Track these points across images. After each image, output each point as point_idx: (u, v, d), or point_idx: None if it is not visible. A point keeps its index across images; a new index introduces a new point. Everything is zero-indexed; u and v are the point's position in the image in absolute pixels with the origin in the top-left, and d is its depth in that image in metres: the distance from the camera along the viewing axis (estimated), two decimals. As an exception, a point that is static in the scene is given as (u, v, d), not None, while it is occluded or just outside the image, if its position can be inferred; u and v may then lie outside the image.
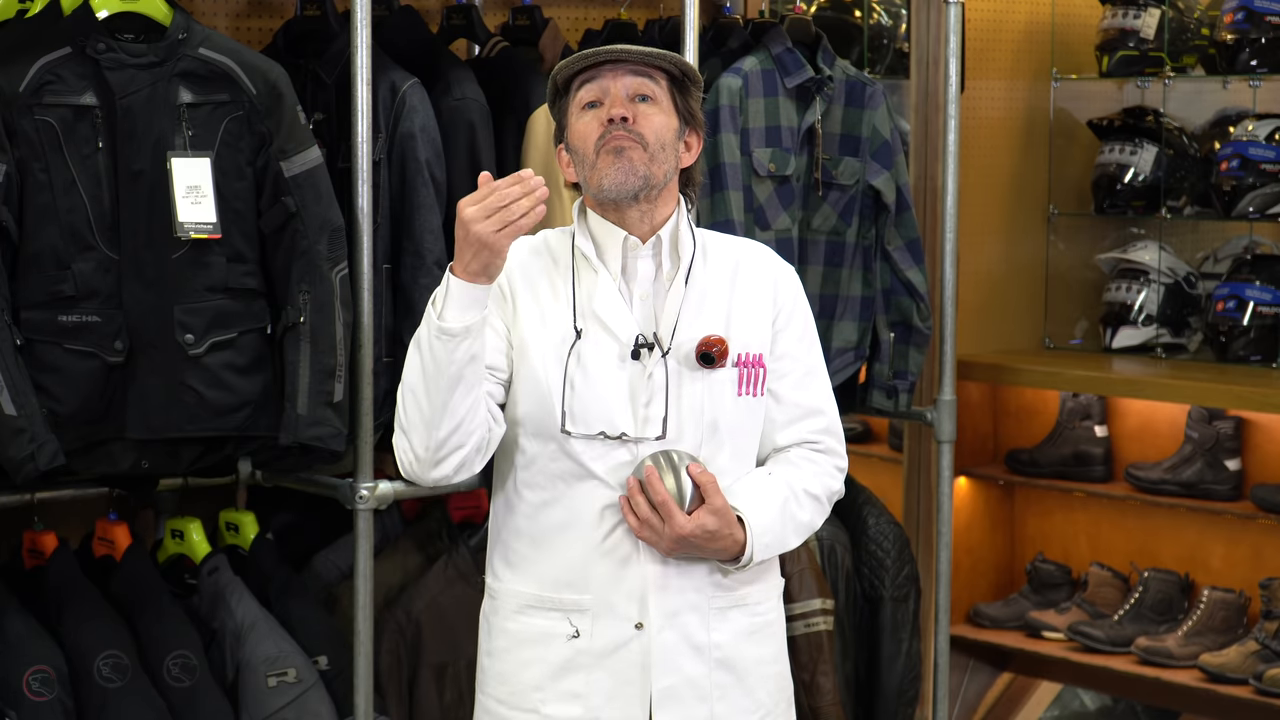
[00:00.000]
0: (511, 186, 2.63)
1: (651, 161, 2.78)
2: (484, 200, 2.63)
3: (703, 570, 2.82)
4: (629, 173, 2.77)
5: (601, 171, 2.78)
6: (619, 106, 2.78)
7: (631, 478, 2.76)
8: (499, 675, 2.87)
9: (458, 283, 2.67)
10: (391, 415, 3.67)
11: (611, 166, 2.77)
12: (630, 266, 2.83)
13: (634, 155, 2.77)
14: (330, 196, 3.49)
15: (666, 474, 2.74)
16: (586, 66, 2.81)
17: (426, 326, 2.70)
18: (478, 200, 2.63)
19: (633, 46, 2.80)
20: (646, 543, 2.77)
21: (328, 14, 3.78)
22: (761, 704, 2.89)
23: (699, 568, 2.82)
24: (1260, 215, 5.14)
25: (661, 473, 2.74)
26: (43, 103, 3.32)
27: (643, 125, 2.78)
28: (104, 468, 3.45)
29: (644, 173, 2.78)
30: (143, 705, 3.44)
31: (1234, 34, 5.13)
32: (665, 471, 2.75)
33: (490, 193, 2.63)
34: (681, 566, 2.80)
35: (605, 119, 2.78)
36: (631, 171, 2.77)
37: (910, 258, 4.39)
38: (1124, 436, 5.36)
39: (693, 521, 2.74)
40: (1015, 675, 5.42)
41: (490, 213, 2.62)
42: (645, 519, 2.74)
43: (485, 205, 2.62)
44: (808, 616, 4.20)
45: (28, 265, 3.33)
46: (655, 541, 2.76)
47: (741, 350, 2.83)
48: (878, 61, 5.33)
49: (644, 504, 2.74)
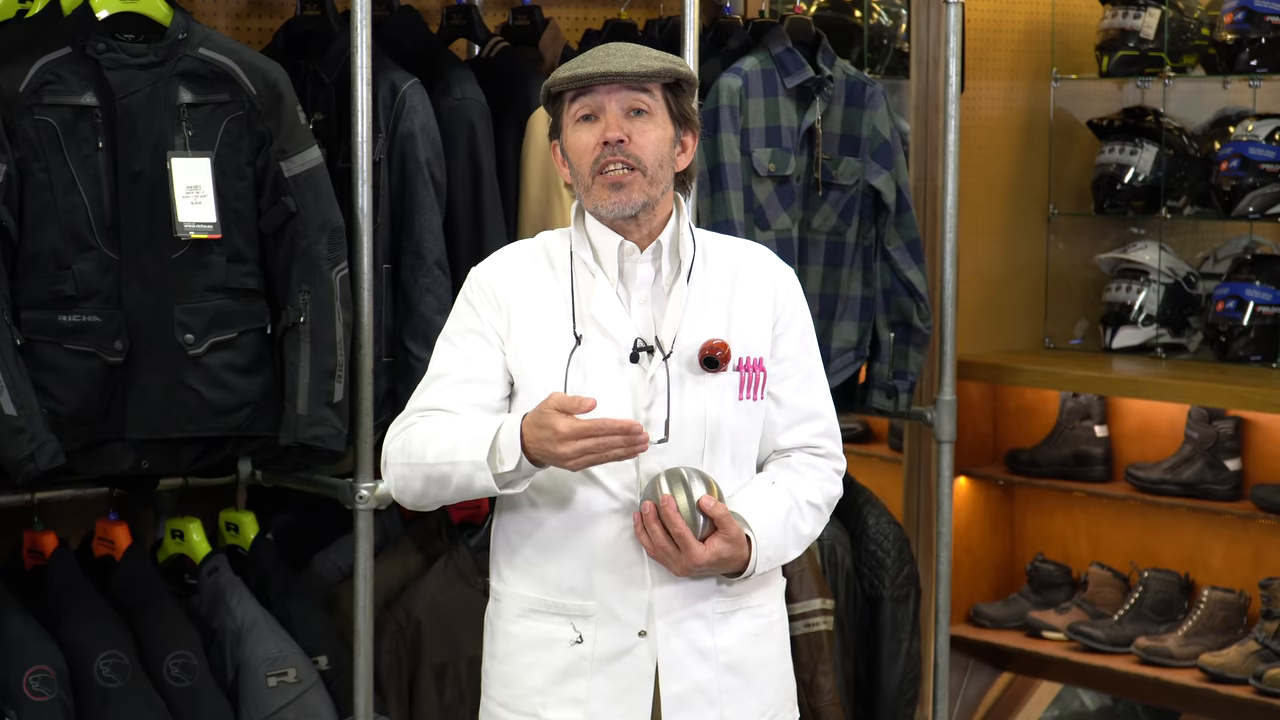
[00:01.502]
0: (614, 437, 2.63)
1: (650, 185, 2.77)
2: (583, 440, 2.62)
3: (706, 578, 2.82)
4: (626, 204, 2.77)
5: (598, 198, 2.77)
6: (614, 128, 2.75)
7: (647, 503, 2.73)
8: (501, 678, 2.87)
9: (530, 466, 2.68)
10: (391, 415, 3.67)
11: (610, 199, 2.76)
12: (629, 271, 2.83)
13: (634, 187, 2.76)
14: (330, 196, 3.49)
15: (679, 494, 2.73)
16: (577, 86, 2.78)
17: (475, 469, 2.69)
18: (579, 435, 2.62)
19: (626, 65, 2.75)
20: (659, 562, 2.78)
21: (328, 14, 3.78)
22: (770, 704, 2.89)
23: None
24: (1260, 215, 5.14)
25: (675, 494, 2.73)
26: (43, 103, 3.32)
27: (639, 144, 2.76)
28: (104, 468, 3.45)
29: (642, 200, 2.77)
30: (143, 705, 3.44)
31: (1234, 34, 5.13)
32: (678, 491, 2.73)
33: (593, 436, 2.62)
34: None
35: (601, 140, 2.76)
36: (629, 203, 2.77)
37: (910, 258, 4.39)
38: (1124, 436, 5.36)
39: (709, 551, 2.73)
40: (1015, 675, 5.42)
41: (584, 454, 2.63)
42: (661, 547, 2.73)
43: (583, 447, 2.62)
44: (808, 616, 4.20)
45: (28, 265, 3.33)
46: (668, 565, 2.76)
47: (743, 354, 2.83)
48: (878, 61, 5.33)
49: (660, 533, 2.73)
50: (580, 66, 2.77)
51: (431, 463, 2.74)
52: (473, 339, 2.82)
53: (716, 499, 2.73)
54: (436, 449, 2.74)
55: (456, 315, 2.86)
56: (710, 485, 2.74)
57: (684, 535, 2.71)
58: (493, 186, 3.78)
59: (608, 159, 2.75)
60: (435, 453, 2.74)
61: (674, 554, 2.73)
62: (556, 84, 2.79)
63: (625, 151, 2.75)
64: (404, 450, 2.79)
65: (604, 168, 2.75)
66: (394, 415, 3.65)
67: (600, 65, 2.76)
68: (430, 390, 2.83)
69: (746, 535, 2.77)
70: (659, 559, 2.75)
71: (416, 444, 2.77)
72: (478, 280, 2.86)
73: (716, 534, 2.73)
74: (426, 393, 2.83)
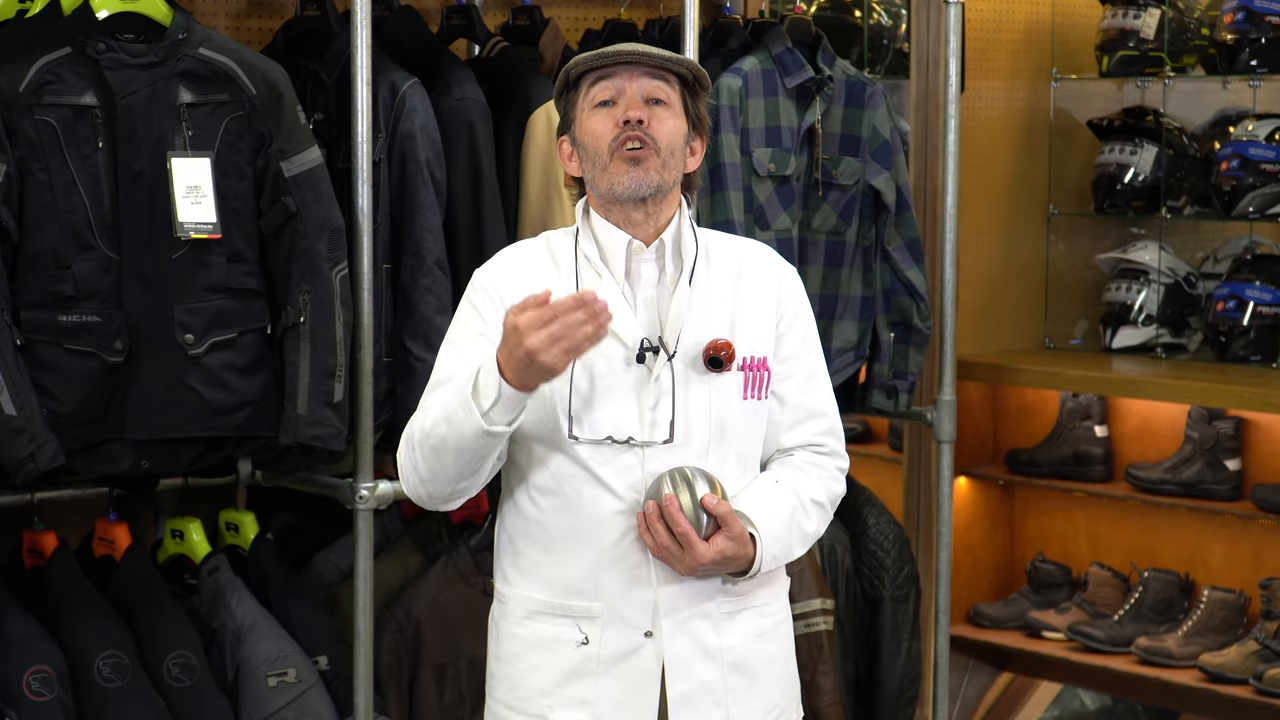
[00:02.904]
0: (574, 312, 2.58)
1: (664, 168, 2.78)
2: (546, 327, 2.57)
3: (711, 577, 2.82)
4: (643, 181, 2.77)
5: (614, 175, 2.78)
6: (635, 108, 2.77)
7: (650, 503, 2.73)
8: (507, 680, 2.87)
9: (510, 390, 2.63)
10: (391, 415, 3.69)
11: (627, 174, 2.77)
12: (634, 270, 2.82)
13: (650, 165, 2.77)
14: (330, 196, 3.49)
15: (682, 493, 2.73)
16: (602, 64, 2.80)
17: (464, 411, 2.65)
18: (538, 325, 2.57)
19: (650, 49, 2.79)
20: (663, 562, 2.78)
21: (328, 14, 3.78)
22: (775, 704, 2.89)
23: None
24: (1260, 215, 5.14)
25: (678, 493, 2.73)
26: (43, 103, 3.31)
27: (656, 129, 2.77)
28: (104, 468, 3.44)
29: (657, 181, 2.78)
30: (143, 705, 3.44)
31: (1234, 34, 5.13)
32: (681, 491, 2.73)
33: (551, 318, 2.57)
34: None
35: (620, 119, 2.77)
36: (646, 181, 2.77)
37: (910, 258, 4.39)
38: (1124, 436, 5.36)
39: (712, 549, 2.73)
40: (1015, 675, 5.42)
41: (553, 340, 2.58)
42: (664, 546, 2.73)
43: (549, 333, 2.57)
44: (808, 616, 4.20)
45: (28, 265, 3.33)
46: (672, 564, 2.76)
47: (747, 354, 2.83)
48: (878, 61, 5.33)
49: (663, 532, 2.72)
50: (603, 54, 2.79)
51: (428, 431, 2.72)
52: (478, 342, 2.81)
53: (720, 497, 2.73)
54: (430, 419, 2.72)
55: (460, 318, 2.86)
56: (714, 484, 2.74)
57: (687, 534, 2.71)
58: (493, 186, 3.78)
59: (627, 135, 2.76)
60: (430, 421, 2.72)
61: (678, 553, 2.73)
62: (579, 64, 2.80)
63: (644, 131, 2.76)
64: (407, 442, 2.78)
65: (623, 143, 2.76)
66: (394, 415, 3.69)
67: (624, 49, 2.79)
68: (435, 396, 2.82)
69: (751, 534, 2.77)
70: (663, 558, 2.75)
71: (416, 430, 2.76)
72: (482, 282, 2.85)
73: (720, 532, 2.73)
74: (431, 398, 2.82)
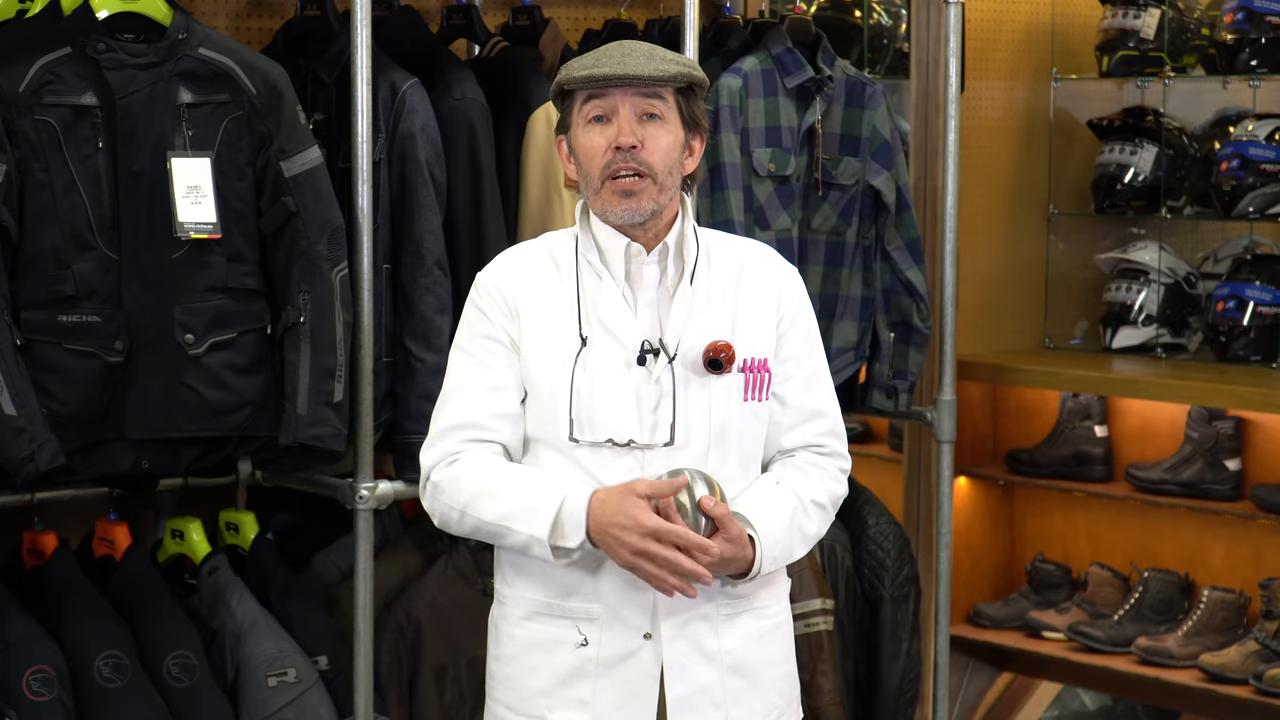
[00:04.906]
0: (682, 559, 2.67)
1: (660, 192, 2.77)
2: (661, 553, 2.67)
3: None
4: (636, 212, 2.76)
5: (606, 203, 2.76)
6: (627, 134, 2.73)
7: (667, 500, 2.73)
8: (506, 680, 2.87)
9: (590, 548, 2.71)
10: (391, 415, 3.68)
11: (619, 205, 2.76)
12: (635, 272, 2.82)
13: (644, 195, 2.75)
14: (330, 196, 3.49)
15: (680, 494, 2.72)
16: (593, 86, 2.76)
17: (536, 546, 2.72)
18: (659, 536, 2.66)
19: (643, 68, 2.73)
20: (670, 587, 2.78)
21: (328, 14, 3.78)
22: (775, 705, 2.89)
23: None
24: (1260, 215, 5.14)
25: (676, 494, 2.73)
26: (43, 103, 3.31)
27: (651, 150, 2.75)
28: (104, 468, 3.45)
29: (651, 209, 2.77)
30: (143, 705, 3.44)
31: (1234, 34, 5.13)
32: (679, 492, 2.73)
33: (673, 540, 2.67)
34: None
35: (613, 144, 2.74)
36: (639, 211, 2.76)
37: (910, 258, 4.39)
38: (1124, 436, 5.36)
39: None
40: (1015, 675, 5.42)
41: (649, 557, 2.67)
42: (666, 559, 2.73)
43: (652, 550, 2.67)
44: (808, 616, 4.20)
45: (28, 265, 3.33)
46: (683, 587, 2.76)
47: (747, 355, 2.82)
48: (878, 61, 5.33)
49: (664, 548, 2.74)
50: (596, 66, 2.74)
51: (488, 521, 2.75)
52: (489, 345, 2.81)
53: (718, 499, 2.73)
54: (494, 509, 2.75)
55: (468, 323, 2.85)
56: (712, 485, 2.74)
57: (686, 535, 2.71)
58: (493, 186, 3.78)
59: (619, 165, 2.74)
60: (492, 513, 2.75)
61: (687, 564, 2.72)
62: (570, 83, 2.77)
63: (637, 158, 2.74)
64: (454, 491, 2.79)
65: (615, 173, 2.74)
66: (394, 415, 3.69)
67: (617, 67, 2.73)
68: (454, 403, 2.81)
69: (750, 535, 2.77)
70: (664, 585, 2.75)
71: (468, 492, 2.77)
72: (486, 285, 2.85)
73: (718, 534, 2.73)
74: (451, 406, 2.82)
